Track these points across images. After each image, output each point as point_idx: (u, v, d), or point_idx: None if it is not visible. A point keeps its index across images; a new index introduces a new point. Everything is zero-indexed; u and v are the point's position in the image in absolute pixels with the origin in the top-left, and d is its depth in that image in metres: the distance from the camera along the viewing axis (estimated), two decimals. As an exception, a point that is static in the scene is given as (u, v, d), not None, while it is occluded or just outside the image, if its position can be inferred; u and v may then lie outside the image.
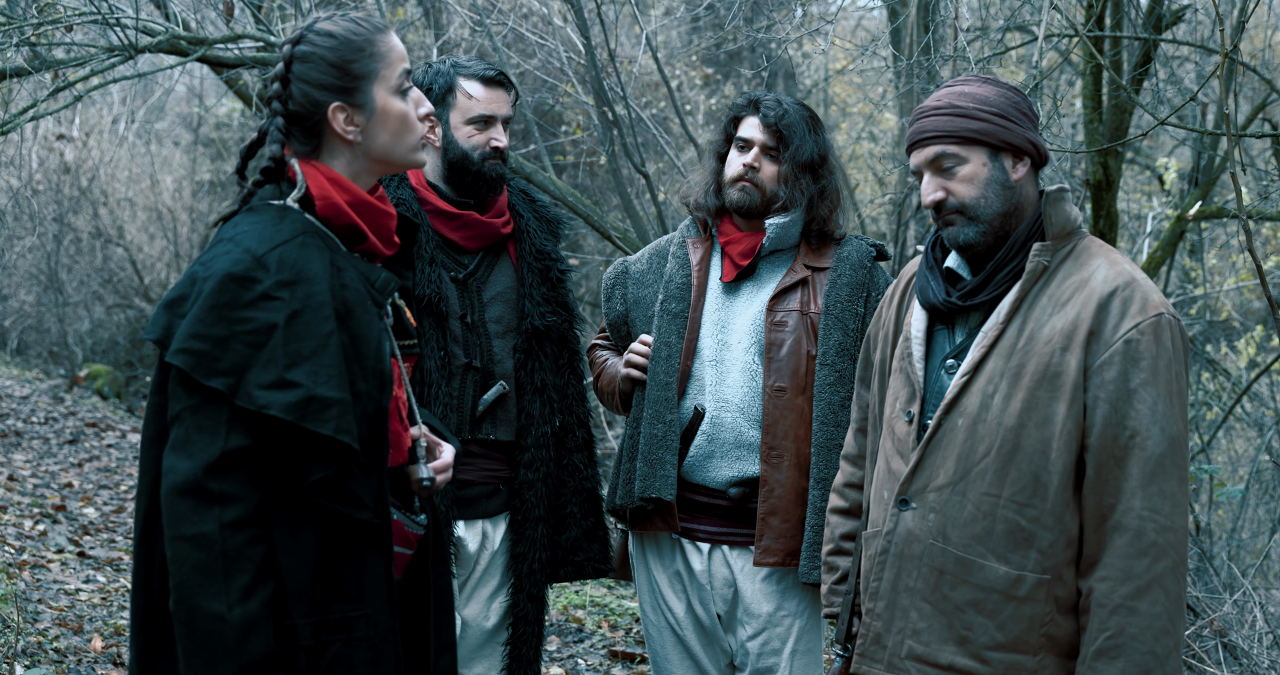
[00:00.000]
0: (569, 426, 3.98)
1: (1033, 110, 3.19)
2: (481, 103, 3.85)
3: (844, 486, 3.53)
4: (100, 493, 9.57)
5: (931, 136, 3.12)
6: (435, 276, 3.78)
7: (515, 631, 3.89)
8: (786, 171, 3.94)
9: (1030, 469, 2.99)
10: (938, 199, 3.12)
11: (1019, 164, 3.12)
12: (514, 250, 3.99)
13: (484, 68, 3.86)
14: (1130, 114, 6.86)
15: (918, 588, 3.10)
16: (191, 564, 2.53)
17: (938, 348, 3.21)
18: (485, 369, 3.86)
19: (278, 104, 2.79)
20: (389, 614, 2.72)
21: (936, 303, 3.18)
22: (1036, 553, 2.99)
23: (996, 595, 3.01)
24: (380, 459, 2.71)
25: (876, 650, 3.17)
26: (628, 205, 6.93)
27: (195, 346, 2.57)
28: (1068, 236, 3.11)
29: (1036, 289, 3.07)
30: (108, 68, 6.15)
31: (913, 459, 3.12)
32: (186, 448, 2.57)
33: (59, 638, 5.94)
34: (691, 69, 12.43)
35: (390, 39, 2.81)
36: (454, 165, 3.88)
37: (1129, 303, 2.98)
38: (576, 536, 3.98)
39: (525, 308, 3.92)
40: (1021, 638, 3.01)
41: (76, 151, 15.04)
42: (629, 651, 6.61)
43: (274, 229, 2.68)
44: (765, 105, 3.95)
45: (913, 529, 3.11)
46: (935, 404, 3.15)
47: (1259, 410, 9.28)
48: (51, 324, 15.25)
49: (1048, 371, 2.99)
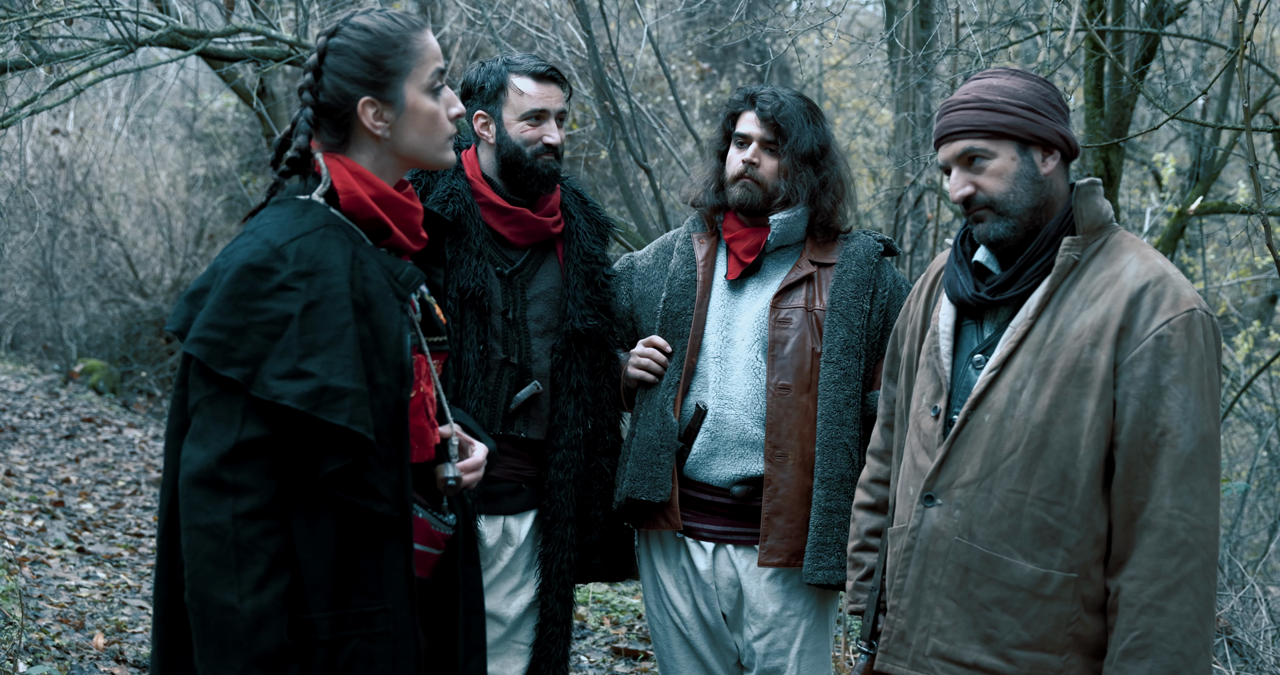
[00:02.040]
0: (600, 429, 3.96)
1: (1063, 102, 3.15)
2: (533, 98, 3.86)
3: (870, 482, 3.50)
4: (98, 488, 9.55)
5: (959, 131, 3.09)
6: (481, 270, 3.77)
7: (544, 632, 3.88)
8: (786, 164, 3.90)
9: (1058, 466, 2.96)
10: (966, 194, 3.09)
11: (1049, 157, 3.09)
12: (561, 250, 3.98)
13: (536, 64, 3.87)
14: (1132, 109, 6.85)
15: (943, 585, 3.07)
16: (204, 554, 2.53)
17: (965, 343, 3.18)
18: (522, 366, 3.85)
19: (308, 95, 2.79)
20: (409, 609, 2.71)
21: (965, 297, 3.14)
22: (1064, 551, 2.96)
23: (1023, 593, 2.99)
24: (401, 452, 2.70)
25: (901, 648, 3.15)
26: (630, 201, 6.91)
27: (211, 336, 2.57)
28: (1098, 230, 3.08)
29: (1066, 284, 3.04)
30: (107, 61, 6.13)
31: (939, 455, 3.10)
32: (202, 438, 2.57)
33: (60, 634, 5.92)
34: (687, 64, 12.41)
35: (425, 37, 2.81)
36: (507, 162, 3.88)
37: (1160, 298, 2.95)
38: (597, 540, 3.96)
39: (568, 309, 3.90)
40: (1048, 637, 2.98)
41: (71, 146, 14.98)
42: (632, 648, 6.60)
43: (295, 221, 2.68)
44: (761, 99, 3.92)
45: (938, 525, 3.08)
46: (962, 399, 3.12)
47: (1256, 406, 9.29)
48: (46, 319, 15.19)
49: (1077, 367, 2.96)
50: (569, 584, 3.91)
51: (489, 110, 3.90)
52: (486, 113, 3.90)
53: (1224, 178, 9.89)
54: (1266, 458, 8.38)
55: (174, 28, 6.26)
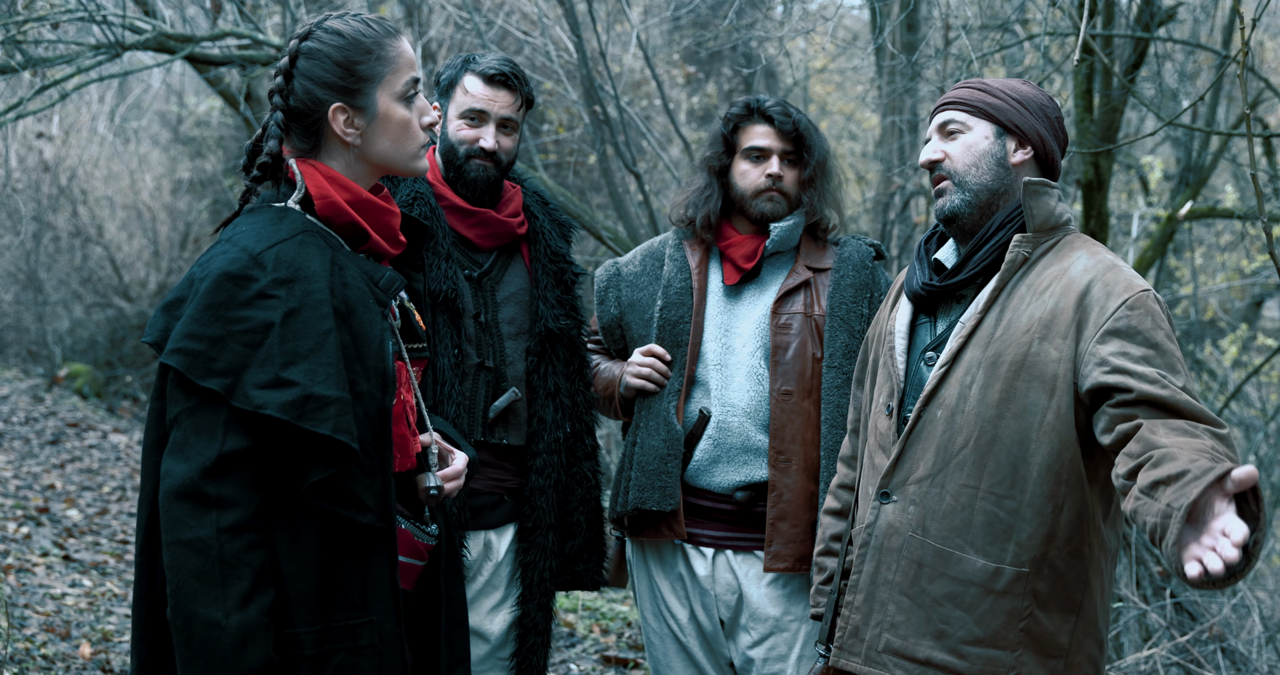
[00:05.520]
0: (578, 433, 3.91)
1: (1061, 124, 3.23)
2: (476, 98, 3.78)
3: (838, 487, 3.53)
4: (83, 495, 9.49)
5: (948, 103, 3.21)
6: (451, 273, 3.72)
7: (524, 642, 3.82)
8: (809, 175, 3.93)
9: (1008, 460, 2.98)
10: (933, 159, 3.19)
11: (1021, 150, 3.16)
12: (527, 252, 3.93)
13: (491, 65, 3.79)
14: (1121, 113, 6.83)
15: (896, 581, 3.09)
16: (188, 570, 2.48)
17: (919, 340, 3.22)
18: (498, 370, 3.80)
19: (279, 98, 2.74)
20: (395, 621, 2.67)
21: (917, 288, 3.20)
22: (1015, 545, 2.97)
23: (974, 588, 3.00)
24: (384, 461, 2.66)
25: (854, 643, 3.16)
26: (619, 205, 6.88)
27: (190, 347, 2.52)
28: (1051, 231, 3.11)
29: (1016, 279, 3.07)
30: (94, 66, 6.08)
31: (894, 452, 3.12)
32: (183, 451, 2.52)
33: (46, 644, 5.87)
34: (674, 68, 12.39)
35: (400, 44, 2.77)
36: (445, 160, 3.84)
37: (1112, 285, 2.96)
38: (580, 546, 3.91)
39: (539, 309, 3.85)
40: (1000, 633, 2.99)
41: (56, 150, 14.92)
42: (621, 656, 6.55)
43: (272, 228, 2.64)
44: (773, 111, 3.91)
45: (893, 521, 3.10)
46: (915, 397, 3.15)
47: (1244, 410, 9.29)
48: (30, 323, 15.13)
49: (1026, 361, 2.97)
50: (550, 593, 3.86)
51: (442, 104, 3.87)
52: (440, 107, 3.87)
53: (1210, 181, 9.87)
54: (1254, 463, 8.37)
55: (160, 32, 6.21)
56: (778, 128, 3.91)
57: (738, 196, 3.96)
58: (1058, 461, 2.95)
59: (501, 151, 3.80)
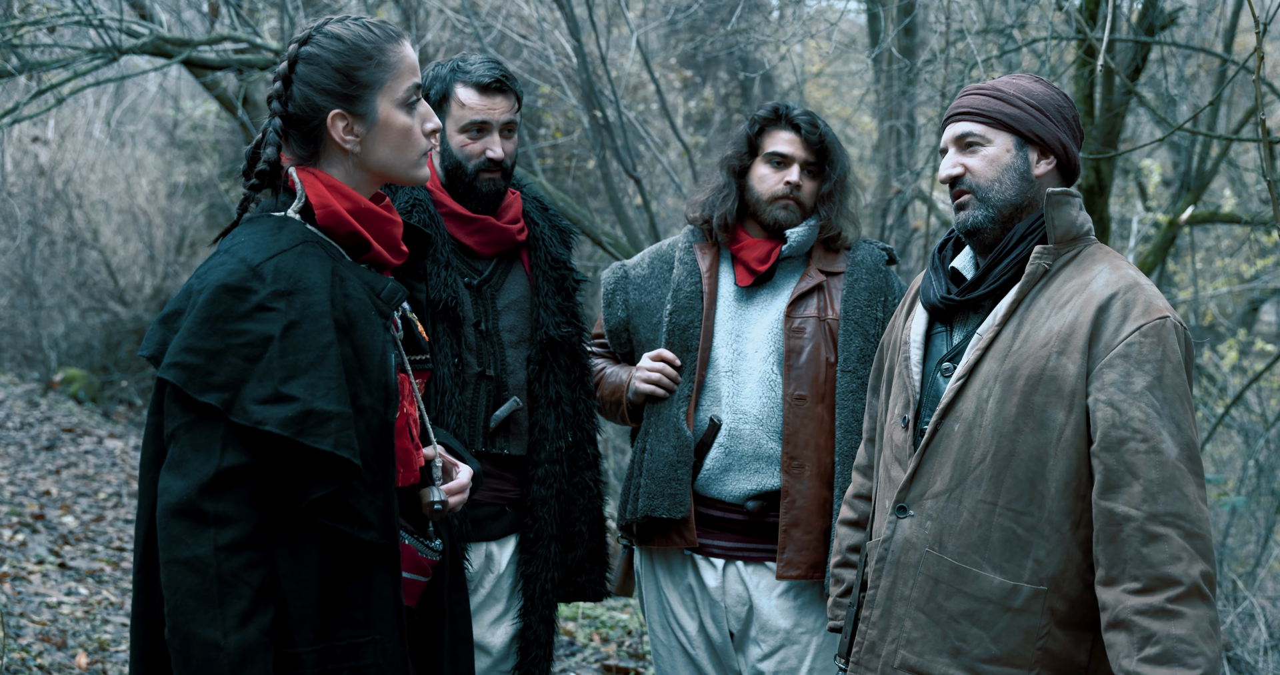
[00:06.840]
0: (580, 442, 3.86)
1: (1077, 121, 3.15)
2: (475, 110, 3.72)
3: (854, 498, 3.48)
4: (79, 501, 9.44)
5: (964, 113, 3.11)
6: (451, 281, 3.67)
7: (526, 655, 3.77)
8: (828, 189, 3.90)
9: (1026, 475, 2.93)
10: (954, 174, 3.10)
11: (1044, 160, 3.09)
12: (527, 258, 3.88)
13: (483, 72, 3.72)
14: (1122, 118, 6.80)
15: (913, 596, 3.04)
16: (186, 589, 2.44)
17: (935, 350, 3.16)
18: (499, 379, 3.75)
19: (277, 104, 2.69)
20: (398, 639, 2.63)
21: (935, 300, 3.14)
22: (1033, 562, 2.92)
23: (991, 605, 2.95)
24: (386, 476, 2.61)
25: (871, 659, 3.12)
26: (619, 210, 6.85)
27: (188, 360, 2.47)
28: (1073, 242, 3.05)
29: (1035, 291, 3.02)
30: (90, 70, 6.04)
31: (910, 466, 3.07)
32: (181, 467, 2.47)
33: (42, 654, 5.83)
34: (670, 71, 12.35)
35: (402, 49, 2.70)
36: (450, 174, 3.77)
37: (1131, 305, 2.91)
38: (582, 557, 3.86)
39: (540, 317, 3.81)
40: (1016, 651, 2.94)
41: (51, 154, 14.88)
42: (622, 666, 6.51)
43: (271, 239, 2.59)
44: (800, 119, 3.88)
45: (909, 537, 3.06)
46: (932, 409, 3.10)
47: (1244, 415, 9.25)
48: (25, 327, 15.09)
49: (1044, 375, 2.92)
50: (552, 604, 3.82)
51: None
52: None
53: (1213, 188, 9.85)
54: (1255, 468, 8.34)
55: (157, 36, 6.17)
56: (803, 137, 3.88)
57: (753, 200, 3.92)
58: (1075, 478, 2.91)
59: (507, 158, 3.77)
